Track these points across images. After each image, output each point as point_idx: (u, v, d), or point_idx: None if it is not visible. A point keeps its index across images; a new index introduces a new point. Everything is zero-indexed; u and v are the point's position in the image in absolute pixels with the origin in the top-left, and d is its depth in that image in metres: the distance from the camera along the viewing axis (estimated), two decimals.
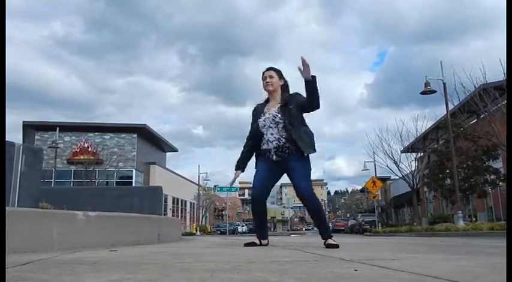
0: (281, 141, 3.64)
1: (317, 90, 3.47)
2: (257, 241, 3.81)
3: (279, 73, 3.87)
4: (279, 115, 3.66)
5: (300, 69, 3.36)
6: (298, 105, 3.65)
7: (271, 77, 3.81)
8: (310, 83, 3.43)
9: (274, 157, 3.67)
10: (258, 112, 3.87)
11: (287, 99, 3.73)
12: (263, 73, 3.87)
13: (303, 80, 3.44)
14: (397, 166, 22.75)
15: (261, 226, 3.96)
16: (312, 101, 3.54)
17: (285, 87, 3.86)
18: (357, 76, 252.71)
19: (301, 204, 3.91)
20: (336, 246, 3.41)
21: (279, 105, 3.74)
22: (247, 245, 3.78)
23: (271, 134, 3.68)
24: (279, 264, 2.07)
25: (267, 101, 3.92)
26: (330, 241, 3.50)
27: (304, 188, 3.56)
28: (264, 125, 3.73)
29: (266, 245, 3.85)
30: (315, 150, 3.67)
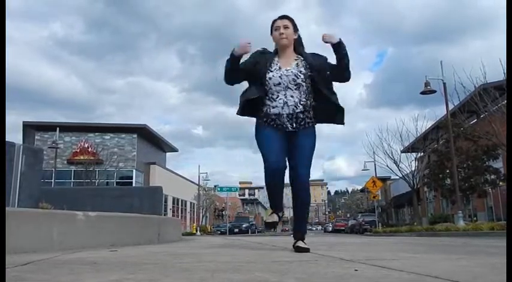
0: (298, 108, 2.98)
1: (347, 55, 2.99)
2: (276, 217, 3.20)
3: (293, 23, 3.12)
4: (302, 75, 3.00)
5: (325, 41, 2.97)
6: (324, 69, 3.06)
7: (286, 27, 3.06)
8: (339, 47, 2.96)
9: (288, 126, 2.99)
10: (265, 60, 3.08)
11: (308, 57, 3.08)
12: (274, 21, 3.12)
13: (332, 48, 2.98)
14: (397, 166, 22.81)
15: (278, 197, 3.22)
16: (342, 69, 3.03)
17: (298, 41, 3.17)
18: (356, 76, 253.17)
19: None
20: (307, 250, 2.90)
21: (297, 61, 3.07)
22: (269, 224, 3.21)
23: (291, 96, 2.97)
24: (279, 264, 2.07)
25: (275, 53, 3.16)
26: (300, 244, 2.97)
27: (305, 177, 3.01)
28: (280, 83, 2.99)
29: (282, 216, 3.27)
30: (343, 123, 3.18)
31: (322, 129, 3.68)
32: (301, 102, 2.98)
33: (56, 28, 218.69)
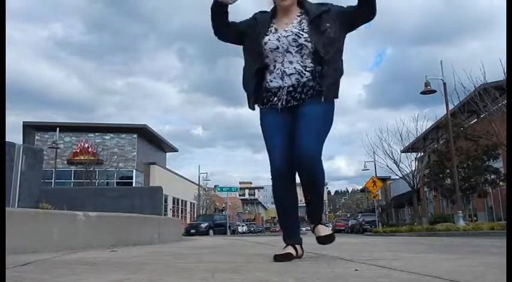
0: (304, 77, 2.30)
1: None
2: (292, 250, 2.31)
3: None
4: (305, 34, 2.31)
5: None
6: (337, 18, 2.34)
7: None
8: None
9: (283, 103, 2.31)
10: (259, 22, 2.44)
11: (312, 9, 2.37)
12: None
13: None
14: (397, 166, 22.83)
15: (291, 217, 2.45)
16: (368, 8, 2.28)
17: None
18: (355, 77, 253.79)
19: (303, 204, 2.58)
20: (331, 238, 2.37)
21: (300, 17, 2.39)
22: (279, 258, 2.22)
23: (290, 62, 2.32)
24: (279, 264, 2.07)
25: (272, 13, 2.47)
26: (321, 229, 2.40)
27: (309, 150, 2.21)
28: (278, 47, 2.33)
29: (301, 256, 2.39)
30: (337, 96, 2.38)
31: None
32: (307, 69, 2.30)
33: (56, 29, 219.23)
